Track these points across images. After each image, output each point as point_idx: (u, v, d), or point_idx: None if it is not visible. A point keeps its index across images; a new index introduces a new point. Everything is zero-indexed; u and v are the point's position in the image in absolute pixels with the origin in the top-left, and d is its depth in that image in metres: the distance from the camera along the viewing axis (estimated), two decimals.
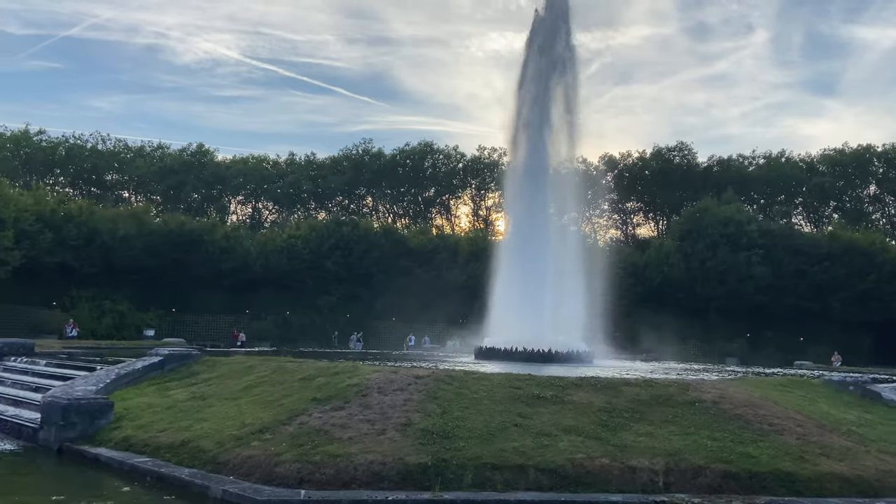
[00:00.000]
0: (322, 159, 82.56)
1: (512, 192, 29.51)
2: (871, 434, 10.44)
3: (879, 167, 75.47)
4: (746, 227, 55.08)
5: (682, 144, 77.89)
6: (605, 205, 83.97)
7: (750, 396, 10.72)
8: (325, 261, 50.57)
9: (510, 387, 10.19)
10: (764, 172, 74.83)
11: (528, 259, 26.81)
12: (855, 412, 12.05)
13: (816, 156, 77.20)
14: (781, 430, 9.52)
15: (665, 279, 55.59)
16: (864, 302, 51.45)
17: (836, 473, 8.37)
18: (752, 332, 52.77)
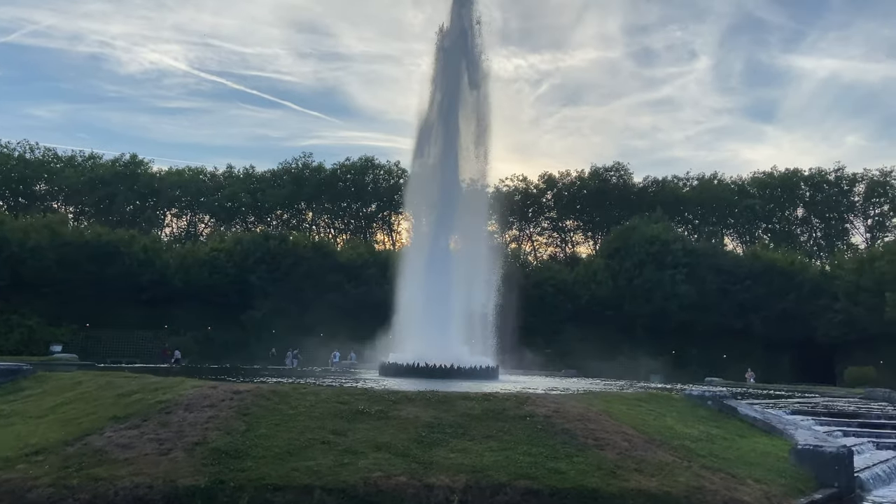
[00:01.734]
0: (261, 172, 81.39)
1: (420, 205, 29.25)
2: (703, 449, 10.41)
3: (806, 190, 78.19)
4: (672, 246, 56.18)
5: (618, 165, 79.41)
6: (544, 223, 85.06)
7: (586, 411, 10.58)
8: (250, 275, 49.46)
9: (336, 402, 9.82)
10: (697, 194, 76.72)
11: (435, 274, 26.56)
12: (702, 427, 12.07)
13: (747, 178, 79.51)
14: (605, 445, 9.38)
15: (593, 296, 56.18)
16: (783, 321, 52.85)
17: (642, 490, 8.23)
18: (677, 349, 53.61)
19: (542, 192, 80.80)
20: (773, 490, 9.34)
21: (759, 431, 12.75)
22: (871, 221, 78.02)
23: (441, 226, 27.51)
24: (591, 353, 54.04)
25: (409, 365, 24.67)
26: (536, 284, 59.05)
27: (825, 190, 77.53)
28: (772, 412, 14.05)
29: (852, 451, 10.98)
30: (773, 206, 78.52)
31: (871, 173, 75.58)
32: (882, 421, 16.08)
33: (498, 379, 25.12)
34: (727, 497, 8.61)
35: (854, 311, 48.50)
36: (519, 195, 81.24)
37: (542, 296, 58.22)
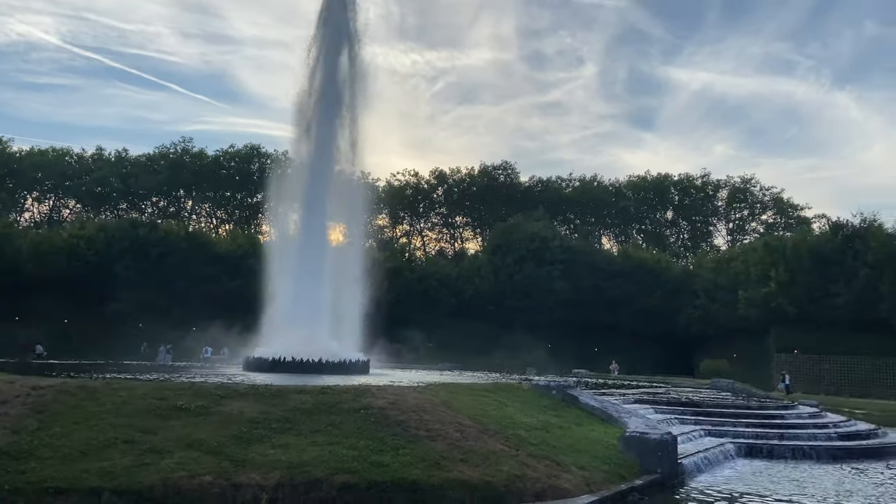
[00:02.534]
0: (136, 157, 76.83)
1: (289, 193, 28.35)
2: (536, 438, 10.58)
3: (676, 194, 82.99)
4: (551, 244, 58.00)
5: (506, 164, 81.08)
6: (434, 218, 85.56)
7: (425, 402, 10.51)
8: (115, 264, 46.43)
9: (154, 398, 9.19)
10: (578, 195, 79.62)
11: (306, 266, 25.84)
12: (542, 416, 12.32)
13: (624, 182, 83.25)
14: (436, 436, 9.31)
15: (476, 291, 57.06)
16: (649, 316, 55.85)
17: (464, 480, 8.21)
18: (552, 343, 55.39)
19: (433, 188, 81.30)
20: (595, 476, 9.61)
21: (597, 420, 13.18)
22: (731, 225, 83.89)
23: (313, 216, 26.73)
24: (472, 347, 54.90)
25: (275, 359, 23.82)
26: (421, 279, 59.25)
27: (692, 194, 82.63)
28: (612, 401, 14.61)
29: (676, 439, 11.53)
30: (646, 209, 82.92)
31: (734, 180, 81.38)
32: (718, 409, 17.13)
33: (368, 373, 24.74)
34: (548, 484, 8.75)
35: (712, 307, 51.97)
36: (410, 190, 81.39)
37: (426, 290, 58.49)
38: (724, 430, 15.39)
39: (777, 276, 44.43)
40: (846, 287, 41.75)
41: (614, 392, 18.51)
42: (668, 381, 30.65)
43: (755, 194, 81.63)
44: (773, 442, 14.96)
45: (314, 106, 27.04)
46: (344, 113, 27.37)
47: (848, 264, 42.20)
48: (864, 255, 41.81)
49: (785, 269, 44.14)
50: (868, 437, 16.91)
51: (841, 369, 42.87)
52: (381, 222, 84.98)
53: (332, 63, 27.13)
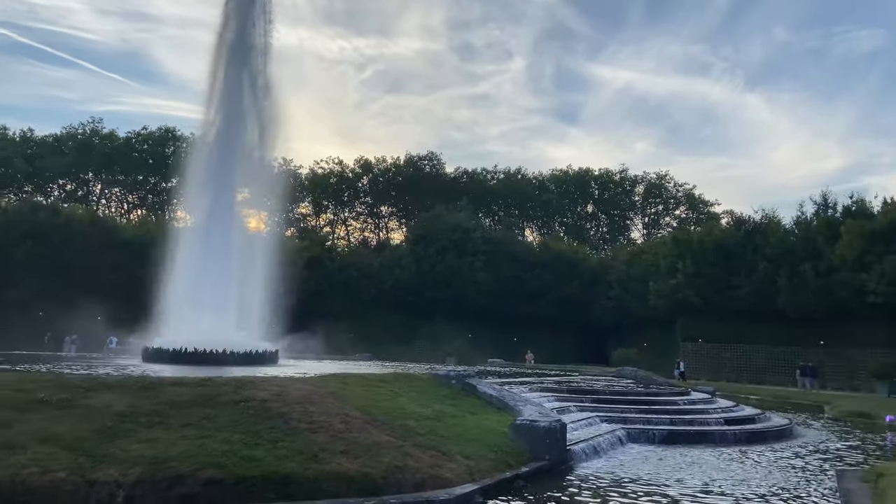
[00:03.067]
0: (42, 137, 72.64)
1: (196, 177, 27.32)
2: (425, 427, 10.55)
3: (596, 189, 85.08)
4: (473, 235, 58.43)
5: (432, 154, 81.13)
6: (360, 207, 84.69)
7: (312, 394, 10.30)
8: (14, 249, 43.78)
9: (12, 390, 8.63)
10: (503, 187, 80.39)
11: (209, 252, 24.93)
12: (437, 405, 12.31)
13: (547, 175, 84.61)
14: (319, 429, 9.13)
15: (397, 281, 56.90)
16: (567, 306, 57.12)
17: (340, 473, 8.07)
18: (473, 333, 55.90)
19: (358, 177, 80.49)
20: (480, 465, 9.66)
21: (494, 409, 13.30)
22: (647, 219, 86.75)
23: (218, 200, 25.81)
24: (393, 338, 54.78)
25: (175, 350, 22.95)
26: (341, 269, 58.59)
27: (611, 189, 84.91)
28: (511, 390, 14.77)
29: (565, 426, 11.75)
30: (568, 202, 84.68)
31: (650, 176, 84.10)
32: (615, 397, 17.63)
33: (276, 364, 24.21)
34: (429, 474, 8.72)
35: (625, 298, 53.65)
36: (334, 178, 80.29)
37: (346, 280, 57.90)
38: (619, 417, 15.84)
39: (684, 268, 46.22)
40: (747, 279, 43.85)
41: (522, 381, 18.76)
42: (579, 370, 31.41)
43: (669, 190, 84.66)
44: (663, 427, 15.51)
45: (222, 85, 26.12)
46: (254, 92, 26.56)
47: (749, 258, 44.31)
48: (763, 249, 43.99)
49: (692, 262, 45.97)
50: (753, 421, 17.76)
51: (741, 357, 45.09)
52: (304, 210, 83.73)
53: (241, 40, 26.25)
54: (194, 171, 27.70)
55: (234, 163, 26.51)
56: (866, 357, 38.72)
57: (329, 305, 55.63)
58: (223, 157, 26.21)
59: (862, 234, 38.26)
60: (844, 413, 24.37)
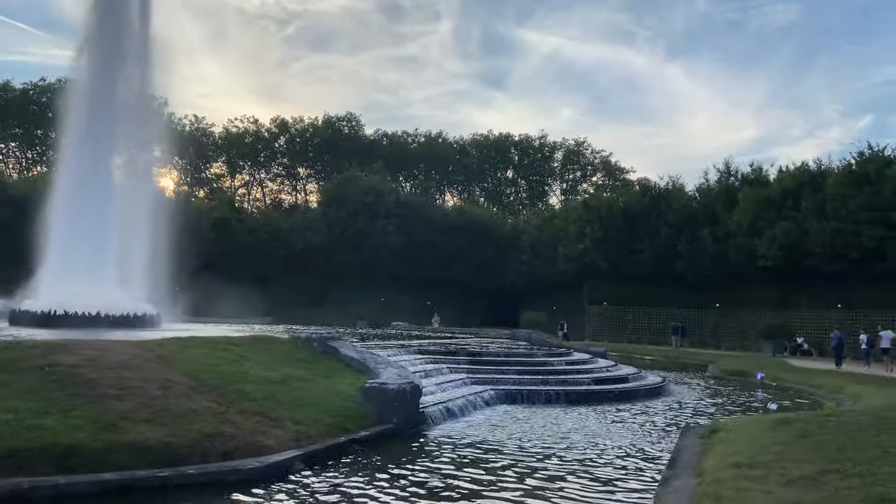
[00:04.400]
0: None
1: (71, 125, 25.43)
2: (263, 392, 10.03)
3: (515, 154, 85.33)
4: (386, 198, 57.67)
5: (350, 115, 79.25)
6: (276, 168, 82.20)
7: (133, 358, 9.60)
8: None
9: None
10: (424, 150, 79.51)
11: (82, 207, 23.32)
12: (288, 369, 11.80)
13: (468, 140, 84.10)
14: (128, 395, 8.47)
15: (307, 244, 55.71)
16: (481, 271, 57.43)
17: (137, 443, 7.46)
18: (386, 297, 55.53)
19: (275, 137, 78.01)
20: (312, 431, 9.23)
21: (354, 371, 12.90)
22: (565, 185, 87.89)
23: (91, 149, 24.06)
24: (304, 301, 53.81)
25: (44, 313, 21.54)
26: (251, 231, 56.88)
27: (531, 155, 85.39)
28: (377, 352, 14.37)
29: (417, 388, 11.46)
30: (488, 167, 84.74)
31: (569, 142, 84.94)
32: (493, 359, 17.57)
33: (159, 327, 23.01)
34: (244, 442, 8.22)
35: (535, 262, 54.33)
36: (250, 138, 77.58)
37: (256, 242, 56.27)
38: (491, 378, 15.77)
39: (592, 233, 47.02)
40: (650, 244, 45.02)
41: (402, 344, 18.40)
42: (480, 332, 31.52)
43: (587, 157, 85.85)
44: (534, 388, 15.55)
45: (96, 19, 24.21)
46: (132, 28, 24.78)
47: (653, 223, 45.44)
48: (666, 215, 45.19)
49: (599, 227, 46.79)
50: (626, 380, 18.11)
51: (642, 319, 46.55)
52: (218, 171, 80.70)
53: None
54: (67, 122, 25.80)
55: (108, 111, 24.75)
56: (756, 319, 40.58)
57: (237, 268, 53.95)
58: (94, 105, 24.45)
59: (756, 201, 39.70)
60: (725, 371, 25.37)
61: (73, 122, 25.57)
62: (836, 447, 7.48)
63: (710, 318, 43.41)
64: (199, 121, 77.31)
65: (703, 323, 44.32)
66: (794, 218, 37.02)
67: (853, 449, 7.33)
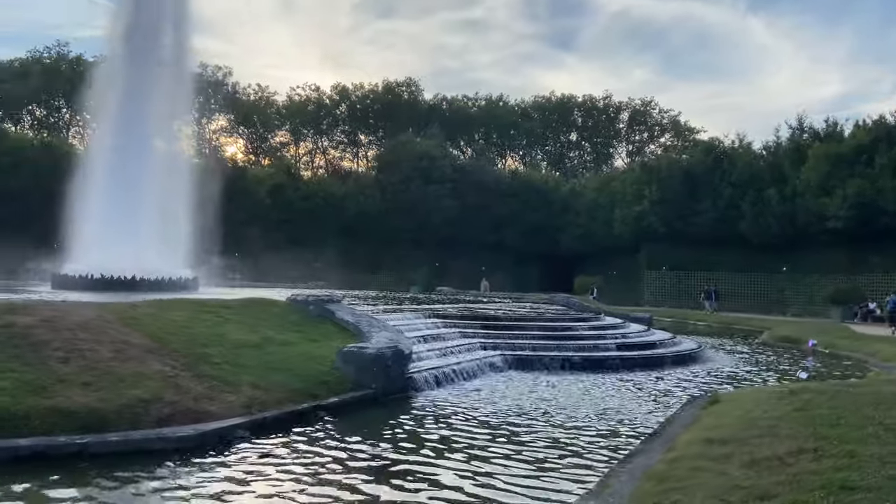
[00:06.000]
0: (7, 61, 69.92)
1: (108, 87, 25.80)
2: (229, 356, 9.63)
3: (579, 116, 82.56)
4: (440, 163, 56.90)
5: (409, 80, 78.28)
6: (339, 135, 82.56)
7: (93, 319, 9.33)
8: None
9: None
10: (484, 114, 77.99)
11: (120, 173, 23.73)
12: (272, 333, 11.40)
13: (529, 102, 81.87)
14: (75, 358, 8.18)
15: (361, 210, 55.81)
16: (534, 235, 56.06)
17: (63, 408, 7.13)
18: (439, 261, 55.16)
19: (336, 104, 78.07)
20: (270, 396, 8.77)
21: (348, 335, 12.39)
22: (631, 147, 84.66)
23: (131, 119, 24.42)
24: (358, 266, 54.06)
25: (82, 276, 22.24)
26: (306, 197, 57.42)
27: (595, 116, 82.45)
28: (378, 317, 13.74)
29: (401, 352, 10.81)
30: (550, 130, 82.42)
31: (634, 103, 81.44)
32: (511, 323, 16.74)
33: (195, 291, 23.36)
34: (186, 408, 7.81)
35: (592, 226, 52.60)
36: (312, 106, 77.97)
37: (311, 208, 56.82)
38: (505, 343, 15.00)
39: (650, 195, 44.96)
40: (712, 206, 42.69)
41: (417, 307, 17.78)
42: (523, 297, 30.63)
43: (654, 117, 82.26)
44: (548, 353, 14.69)
45: None
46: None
47: (715, 184, 43.03)
48: (729, 175, 42.65)
49: (658, 189, 44.68)
50: (654, 346, 16.99)
51: (703, 284, 44.40)
52: (282, 139, 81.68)
53: None
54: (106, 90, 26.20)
55: (145, 79, 25.01)
56: (826, 283, 37.99)
57: (294, 233, 54.70)
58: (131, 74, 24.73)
59: (827, 158, 36.90)
60: (777, 338, 23.72)
61: (111, 90, 26.00)
62: (830, 423, 6.42)
63: (775, 282, 40.96)
64: (263, 90, 78.11)
65: (768, 287, 41.90)
66: (868, 175, 34.15)
67: (848, 426, 6.26)
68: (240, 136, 78.03)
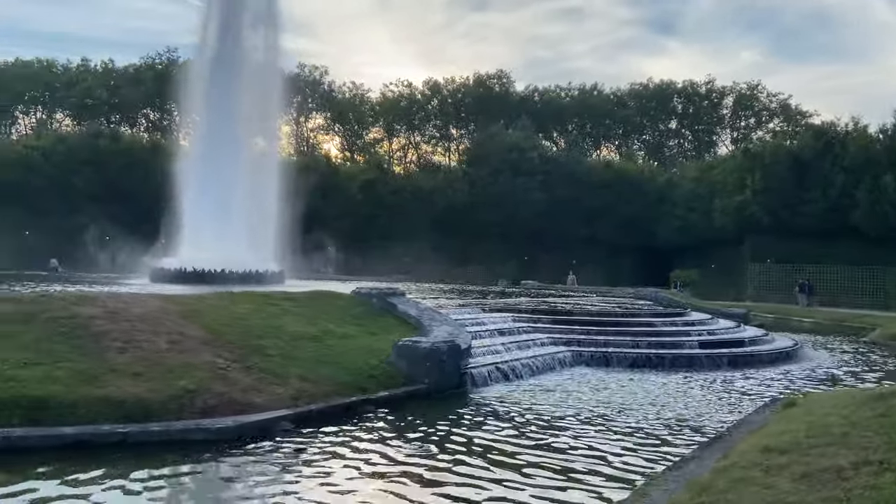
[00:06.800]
0: (122, 67, 74.91)
1: (201, 89, 26.90)
2: (284, 349, 9.67)
3: (679, 103, 79.10)
4: (529, 154, 56.06)
5: (501, 72, 77.63)
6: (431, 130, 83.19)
7: (154, 311, 9.61)
8: (74, 177, 45.80)
9: None
10: (577, 104, 76.31)
11: (212, 172, 24.76)
12: (333, 325, 11.41)
13: (625, 90, 79.29)
14: (131, 348, 8.43)
15: (449, 204, 55.88)
16: (627, 227, 54.27)
17: (111, 397, 7.32)
18: (529, 255, 54.45)
19: (428, 99, 78.56)
20: (318, 389, 8.73)
21: (409, 328, 12.25)
22: (736, 134, 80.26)
23: (222, 120, 25.41)
24: (445, 259, 54.22)
25: (178, 270, 23.47)
26: (395, 191, 58.13)
27: (696, 103, 78.76)
28: (434, 311, 13.38)
29: (456, 346, 10.49)
30: (647, 118, 79.45)
31: (740, 86, 77.09)
32: (585, 318, 16.07)
33: (280, 283, 24.10)
34: (231, 399, 7.87)
35: (690, 217, 50.24)
36: (404, 101, 78.87)
37: (401, 203, 57.47)
38: (576, 339, 14.39)
39: (753, 183, 42.37)
40: (822, 194, 39.69)
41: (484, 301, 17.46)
42: (611, 291, 29.65)
43: (762, 101, 77.55)
44: (622, 350, 13.98)
45: None
46: None
47: (825, 170, 39.97)
48: (841, 160, 39.48)
49: (761, 177, 42.02)
50: (743, 344, 15.85)
51: (812, 279, 41.40)
52: (376, 135, 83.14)
53: None
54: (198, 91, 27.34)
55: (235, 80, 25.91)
56: None
57: (384, 227, 55.55)
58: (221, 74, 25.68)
59: None
60: (887, 336, 21.69)
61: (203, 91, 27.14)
62: None
63: (892, 276, 37.60)
64: (357, 87, 79.59)
65: (884, 282, 38.52)
66: None
67: None
68: (336, 134, 79.95)
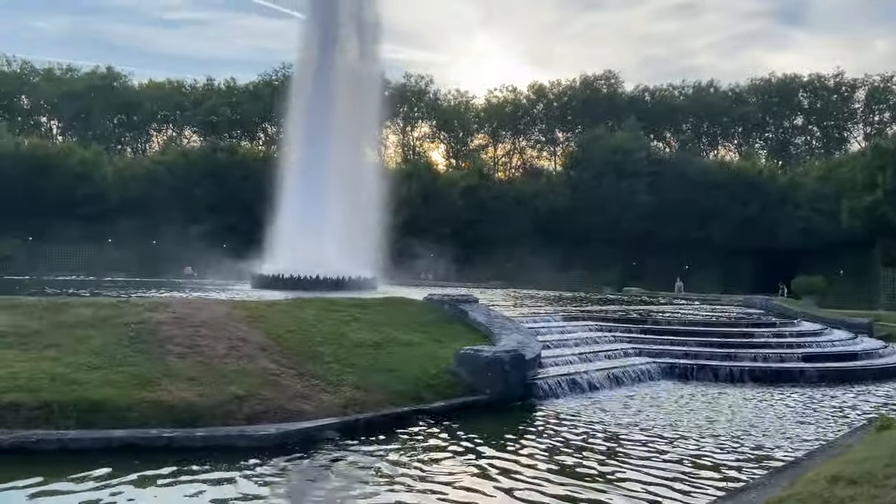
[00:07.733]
0: (243, 85, 79.50)
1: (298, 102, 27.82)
2: (342, 356, 9.60)
3: (805, 98, 73.83)
4: (635, 156, 53.97)
5: (608, 73, 75.59)
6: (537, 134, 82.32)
7: (219, 317, 9.79)
8: (195, 188, 48.84)
9: None
10: (691, 102, 72.98)
11: (311, 179, 25.55)
12: (398, 333, 11.25)
13: (745, 86, 74.94)
14: (192, 354, 8.61)
15: (551, 208, 54.78)
16: (745, 229, 51.01)
17: (163, 401, 7.47)
18: (636, 259, 52.42)
19: (534, 104, 77.74)
20: (371, 398, 8.57)
21: (478, 336, 11.91)
22: (870, 129, 73.82)
23: (318, 127, 26.15)
24: (547, 265, 53.18)
25: (275, 276, 24.31)
26: (497, 197, 57.74)
27: (824, 97, 73.20)
28: (505, 318, 12.89)
29: (520, 356, 10.02)
30: (770, 115, 74.60)
31: (872, 79, 70.93)
32: (677, 328, 15.06)
33: (373, 289, 24.45)
34: (279, 406, 7.85)
35: (814, 219, 46.53)
36: (509, 107, 78.50)
37: (502, 208, 57.02)
38: (663, 350, 13.49)
39: (884, 182, 38.60)
40: None
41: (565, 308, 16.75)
42: (719, 299, 27.93)
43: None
44: (712, 362, 12.95)
45: None
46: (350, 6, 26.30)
47: None
48: None
49: (893, 174, 38.22)
50: (856, 357, 14.25)
51: None
52: (481, 141, 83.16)
53: None
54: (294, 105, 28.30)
55: (330, 92, 26.57)
56: None
57: (485, 233, 55.33)
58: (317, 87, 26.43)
59: None
60: None
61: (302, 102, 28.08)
62: None
63: None
64: (462, 94, 79.94)
65: None
66: None
67: None
68: (441, 141, 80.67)
